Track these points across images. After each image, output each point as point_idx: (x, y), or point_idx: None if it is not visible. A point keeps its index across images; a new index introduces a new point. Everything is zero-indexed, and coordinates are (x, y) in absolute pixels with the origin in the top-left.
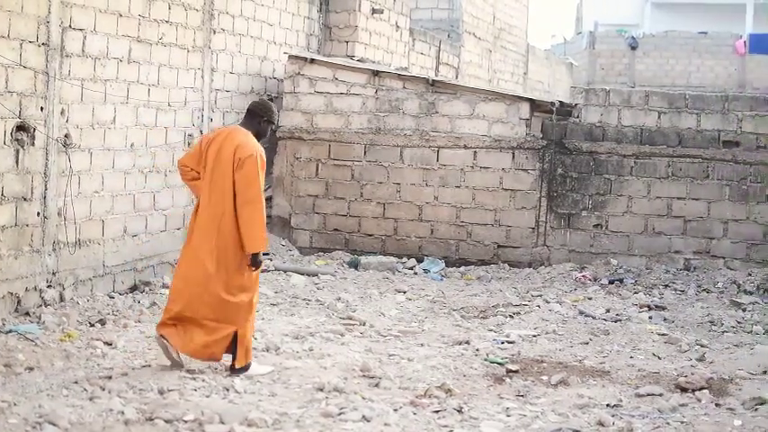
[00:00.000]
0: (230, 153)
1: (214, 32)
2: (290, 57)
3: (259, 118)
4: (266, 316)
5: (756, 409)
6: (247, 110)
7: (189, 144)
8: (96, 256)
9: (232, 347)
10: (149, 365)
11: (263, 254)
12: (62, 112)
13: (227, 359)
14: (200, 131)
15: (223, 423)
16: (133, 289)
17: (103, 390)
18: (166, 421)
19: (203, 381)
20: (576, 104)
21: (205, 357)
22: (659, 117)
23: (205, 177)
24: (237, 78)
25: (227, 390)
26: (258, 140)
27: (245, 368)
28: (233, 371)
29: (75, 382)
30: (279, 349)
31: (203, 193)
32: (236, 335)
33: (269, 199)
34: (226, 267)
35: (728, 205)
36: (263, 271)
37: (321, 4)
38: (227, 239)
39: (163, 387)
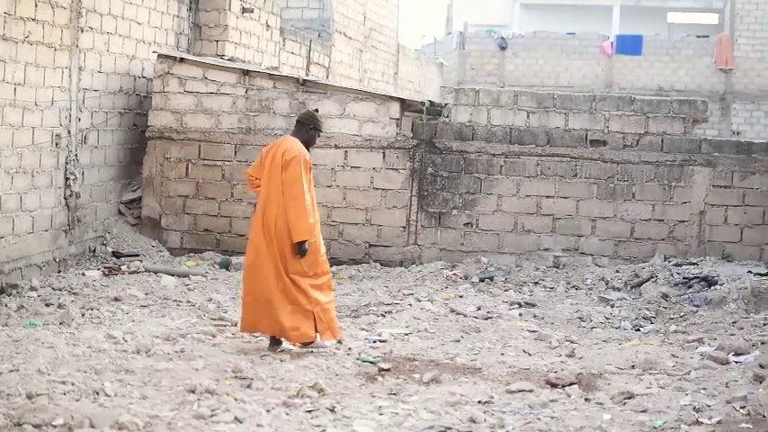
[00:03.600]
0: (279, 157)
1: (82, 31)
2: (160, 56)
3: (306, 127)
4: (136, 318)
5: (625, 404)
6: (296, 120)
7: (57, 144)
8: None
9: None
10: (17, 370)
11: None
12: None
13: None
14: (68, 131)
15: (93, 427)
16: (0, 292)
17: None
18: (35, 426)
19: (73, 385)
20: (446, 104)
21: (299, 340)
22: (528, 117)
23: (263, 182)
24: (106, 78)
25: (98, 393)
26: (307, 148)
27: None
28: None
29: None
30: (150, 351)
31: (261, 194)
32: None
33: (139, 200)
34: (284, 256)
35: (596, 203)
36: (133, 272)
37: (191, 3)
38: (282, 232)
39: (31, 392)
